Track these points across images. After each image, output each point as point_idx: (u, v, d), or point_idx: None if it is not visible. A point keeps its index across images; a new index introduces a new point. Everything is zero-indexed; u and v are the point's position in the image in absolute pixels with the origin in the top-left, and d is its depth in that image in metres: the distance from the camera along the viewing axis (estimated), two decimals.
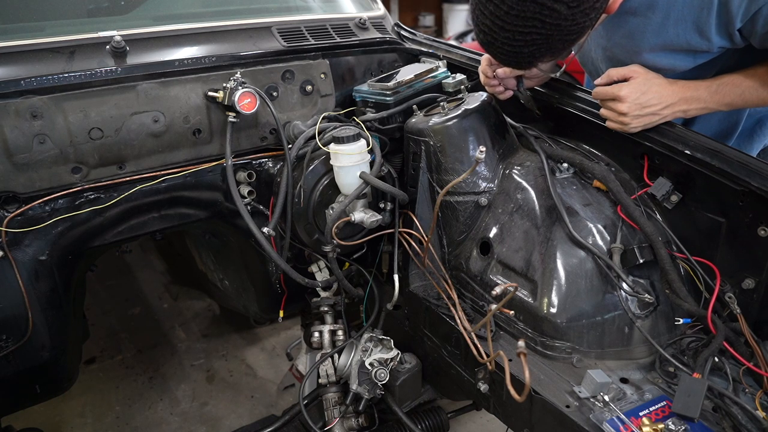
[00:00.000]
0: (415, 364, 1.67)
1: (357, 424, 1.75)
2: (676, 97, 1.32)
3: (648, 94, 1.30)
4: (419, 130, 1.52)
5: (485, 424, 2.31)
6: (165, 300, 3.23)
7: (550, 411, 1.18)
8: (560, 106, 1.55)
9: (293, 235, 1.63)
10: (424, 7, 10.89)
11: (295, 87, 1.68)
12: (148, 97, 1.46)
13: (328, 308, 1.80)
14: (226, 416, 2.42)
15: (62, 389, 1.68)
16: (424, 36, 2.00)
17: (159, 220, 1.60)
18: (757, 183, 1.16)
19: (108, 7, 1.73)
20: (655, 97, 1.30)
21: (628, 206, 1.33)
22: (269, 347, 2.84)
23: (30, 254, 1.41)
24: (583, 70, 1.85)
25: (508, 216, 1.44)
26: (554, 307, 1.30)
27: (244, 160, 1.64)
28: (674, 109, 1.32)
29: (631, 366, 1.28)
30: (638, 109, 1.30)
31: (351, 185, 1.50)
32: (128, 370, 2.70)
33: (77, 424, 2.38)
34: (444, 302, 1.48)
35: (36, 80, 1.34)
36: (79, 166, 1.41)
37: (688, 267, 1.31)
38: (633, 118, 1.32)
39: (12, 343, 1.41)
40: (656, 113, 1.31)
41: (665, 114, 1.32)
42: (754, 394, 1.12)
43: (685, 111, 1.34)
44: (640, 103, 1.30)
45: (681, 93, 1.32)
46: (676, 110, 1.33)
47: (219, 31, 1.67)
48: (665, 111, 1.32)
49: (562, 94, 1.56)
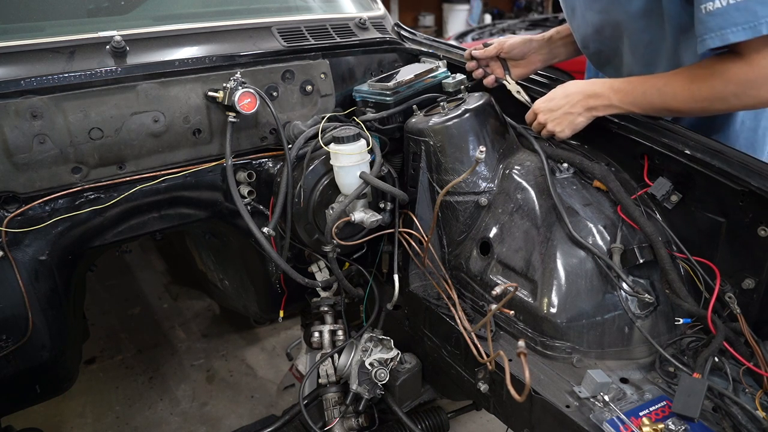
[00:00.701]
0: (415, 364, 1.67)
1: (357, 424, 1.75)
2: (580, 94, 1.40)
3: (554, 99, 1.43)
4: (419, 130, 1.52)
5: (485, 424, 2.32)
6: (165, 300, 3.23)
7: (550, 411, 1.18)
8: None
9: (293, 235, 1.62)
10: (424, 7, 10.90)
11: (295, 87, 1.68)
12: (148, 97, 1.46)
13: (328, 308, 1.80)
14: (226, 416, 2.42)
15: (62, 389, 1.68)
16: (424, 36, 2.00)
17: (159, 220, 1.60)
18: (757, 183, 1.16)
19: (108, 7, 1.73)
20: (560, 97, 1.42)
21: (628, 206, 1.33)
22: (269, 347, 2.84)
23: (30, 254, 1.41)
24: (583, 70, 1.85)
25: (508, 216, 1.44)
26: (554, 307, 1.30)
27: (244, 160, 1.64)
28: (582, 105, 1.39)
29: (631, 366, 1.28)
30: (550, 114, 1.44)
31: (351, 185, 1.50)
32: (128, 370, 2.70)
33: (77, 424, 2.38)
34: (444, 302, 1.48)
35: (36, 80, 1.34)
36: (79, 166, 1.41)
37: (688, 267, 1.31)
38: (551, 122, 1.44)
39: (12, 343, 1.41)
40: (568, 112, 1.41)
41: (577, 110, 1.40)
42: (754, 394, 1.12)
43: (594, 107, 1.38)
44: (549, 108, 1.44)
45: (585, 89, 1.40)
46: (585, 106, 1.39)
47: (219, 31, 1.67)
48: (575, 108, 1.40)
49: None
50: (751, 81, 1.17)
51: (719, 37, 1.14)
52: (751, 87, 1.18)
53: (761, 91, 1.18)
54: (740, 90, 1.19)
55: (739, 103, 1.23)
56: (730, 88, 1.20)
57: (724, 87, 1.20)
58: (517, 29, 6.67)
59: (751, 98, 1.20)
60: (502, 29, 6.81)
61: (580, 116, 1.41)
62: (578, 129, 1.44)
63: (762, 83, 1.17)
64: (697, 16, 1.18)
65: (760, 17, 1.11)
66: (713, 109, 1.27)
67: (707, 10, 1.15)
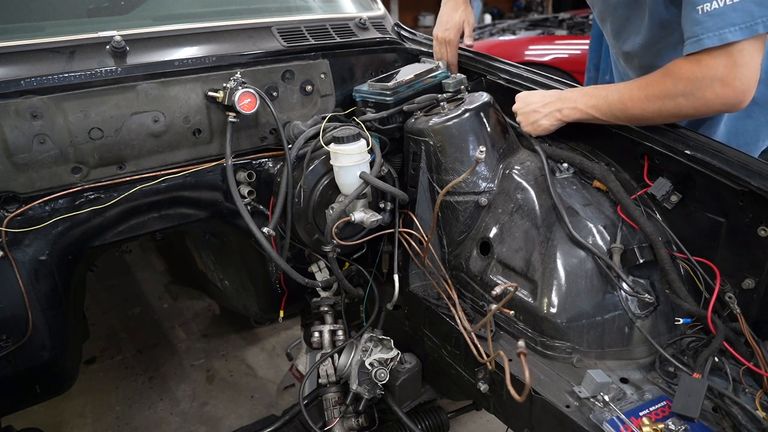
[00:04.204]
0: (415, 364, 1.67)
1: (357, 424, 1.75)
2: (554, 96, 1.46)
3: (533, 95, 1.52)
4: (419, 130, 1.52)
5: (485, 424, 2.31)
6: (165, 300, 3.23)
7: (550, 411, 1.18)
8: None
9: (293, 235, 1.62)
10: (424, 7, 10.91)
11: (295, 87, 1.68)
12: (148, 97, 1.46)
13: (328, 308, 1.80)
14: (226, 416, 2.42)
15: (62, 389, 1.68)
16: (424, 36, 2.00)
17: (159, 220, 1.60)
18: (757, 183, 1.16)
19: (108, 7, 1.73)
20: (539, 95, 1.50)
21: (628, 206, 1.33)
22: (269, 347, 2.84)
23: (30, 254, 1.41)
24: (583, 70, 1.85)
25: (508, 216, 1.44)
26: (554, 307, 1.30)
27: (244, 160, 1.64)
28: (551, 107, 1.45)
29: (631, 366, 1.28)
30: (524, 107, 1.51)
31: (351, 185, 1.50)
32: (128, 370, 2.70)
33: (77, 424, 2.38)
34: (444, 302, 1.48)
35: (36, 80, 1.34)
36: (79, 166, 1.41)
37: (688, 267, 1.31)
38: (519, 115, 1.53)
39: (12, 343, 1.41)
40: (536, 110, 1.48)
41: (545, 111, 1.46)
42: (754, 394, 1.12)
43: (560, 109, 1.44)
44: (526, 102, 1.52)
45: (561, 94, 1.46)
46: (553, 108, 1.45)
47: (219, 31, 1.67)
48: (545, 109, 1.46)
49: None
50: (699, 79, 1.19)
51: (717, 36, 1.15)
52: (699, 86, 1.19)
53: (707, 92, 1.19)
54: (688, 88, 1.20)
55: (688, 104, 1.23)
56: (680, 86, 1.21)
57: (675, 85, 1.22)
58: (517, 29, 6.67)
59: (698, 99, 1.21)
60: (502, 29, 6.82)
61: (544, 118, 1.47)
62: (539, 131, 1.50)
63: (709, 83, 1.18)
64: (692, 17, 1.19)
65: (756, 17, 1.13)
66: (665, 110, 1.27)
67: (704, 11, 1.16)
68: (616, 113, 1.34)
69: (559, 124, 1.47)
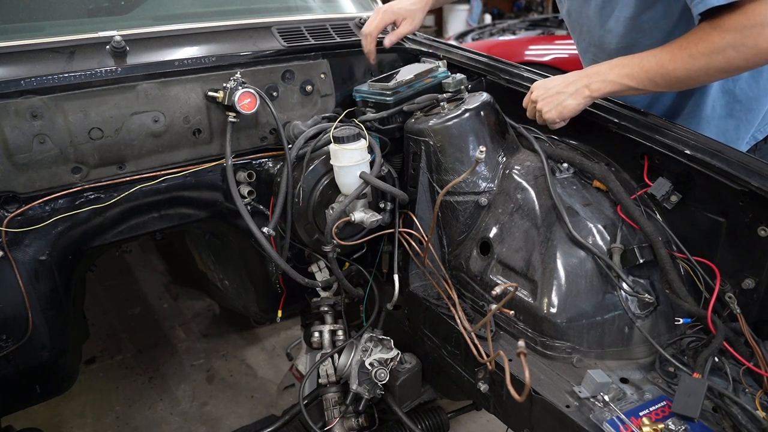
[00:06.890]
0: (415, 364, 1.67)
1: (357, 424, 1.75)
2: (576, 75, 1.40)
3: (553, 80, 1.44)
4: (419, 130, 1.52)
5: (485, 424, 2.32)
6: (165, 300, 3.23)
7: (550, 411, 1.18)
8: None
9: (293, 235, 1.62)
10: None
11: (295, 87, 1.68)
12: (148, 97, 1.46)
13: (328, 308, 1.80)
14: (226, 416, 2.42)
15: (62, 389, 1.68)
16: (424, 36, 2.00)
17: (159, 220, 1.60)
18: (757, 183, 1.16)
19: (108, 7, 1.73)
20: (560, 78, 1.43)
21: (628, 206, 1.33)
22: (269, 347, 2.84)
23: (30, 254, 1.41)
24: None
25: (508, 216, 1.44)
26: (554, 307, 1.30)
27: (244, 160, 1.64)
28: (577, 84, 1.38)
29: (631, 366, 1.28)
30: (545, 92, 1.43)
31: (351, 185, 1.50)
32: (128, 370, 2.70)
33: (77, 424, 2.38)
34: (444, 302, 1.48)
35: (36, 80, 1.34)
36: (79, 166, 1.41)
37: (688, 267, 1.31)
38: (541, 101, 1.43)
39: (12, 343, 1.41)
40: (560, 92, 1.40)
41: (570, 90, 1.39)
42: (754, 394, 1.12)
43: (587, 85, 1.37)
44: (545, 86, 1.44)
45: (586, 71, 1.40)
46: (580, 86, 1.38)
47: (219, 31, 1.67)
48: (569, 88, 1.39)
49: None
50: (747, 28, 1.15)
51: None
52: (748, 34, 1.15)
53: (759, 39, 1.15)
54: (738, 39, 1.16)
55: (739, 55, 1.18)
56: (728, 38, 1.17)
57: (722, 38, 1.18)
58: (517, 29, 6.67)
59: (749, 48, 1.16)
60: (502, 29, 6.82)
61: (570, 97, 1.38)
62: (565, 114, 1.41)
63: (760, 30, 1.14)
64: None
65: None
66: (712, 66, 1.22)
67: None
68: (655, 79, 1.28)
69: (586, 102, 1.39)
